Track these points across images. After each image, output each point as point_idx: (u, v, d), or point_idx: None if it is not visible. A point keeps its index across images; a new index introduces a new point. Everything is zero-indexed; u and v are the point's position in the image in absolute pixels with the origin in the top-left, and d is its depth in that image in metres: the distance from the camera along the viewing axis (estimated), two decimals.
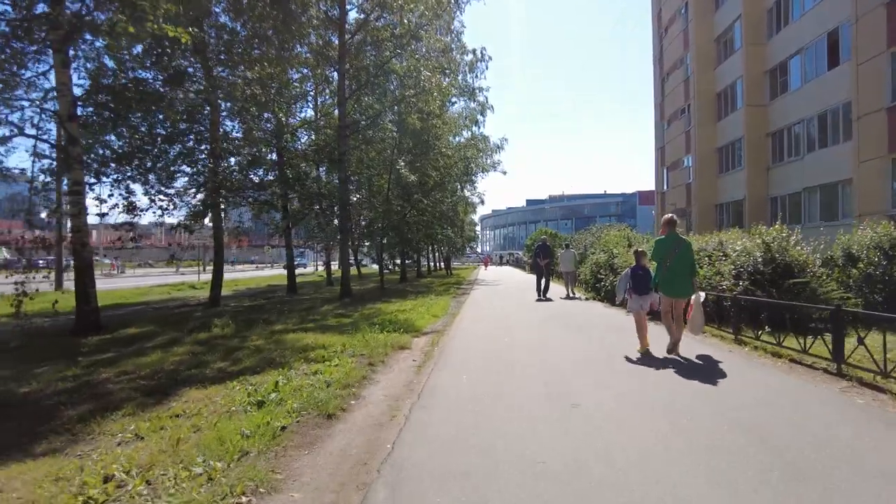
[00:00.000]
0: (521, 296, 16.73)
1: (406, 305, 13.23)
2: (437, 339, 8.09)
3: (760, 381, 5.07)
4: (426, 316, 10.85)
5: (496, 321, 10.25)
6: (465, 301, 15.23)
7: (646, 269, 6.60)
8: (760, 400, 4.36)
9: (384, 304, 13.98)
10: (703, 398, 4.47)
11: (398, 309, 12.33)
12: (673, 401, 4.38)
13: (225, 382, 5.34)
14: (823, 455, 3.13)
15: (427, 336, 8.53)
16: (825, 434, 3.51)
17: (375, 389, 5.09)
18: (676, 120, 30.34)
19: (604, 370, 5.67)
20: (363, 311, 12.24)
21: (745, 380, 5.09)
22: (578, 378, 5.28)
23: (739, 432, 3.54)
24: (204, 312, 13.48)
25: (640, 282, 6.51)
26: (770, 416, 3.92)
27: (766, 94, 23.18)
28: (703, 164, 27.00)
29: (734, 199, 24.94)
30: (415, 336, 8.38)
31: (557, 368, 5.74)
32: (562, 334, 8.40)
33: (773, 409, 4.09)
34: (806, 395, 4.58)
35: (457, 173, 26.43)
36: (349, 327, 9.24)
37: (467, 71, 27.45)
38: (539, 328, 9.13)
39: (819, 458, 3.08)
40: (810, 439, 3.40)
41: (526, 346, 7.24)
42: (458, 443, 3.50)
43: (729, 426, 3.67)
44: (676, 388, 4.85)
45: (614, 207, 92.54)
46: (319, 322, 10.48)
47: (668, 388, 4.85)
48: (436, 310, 12.17)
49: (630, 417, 3.95)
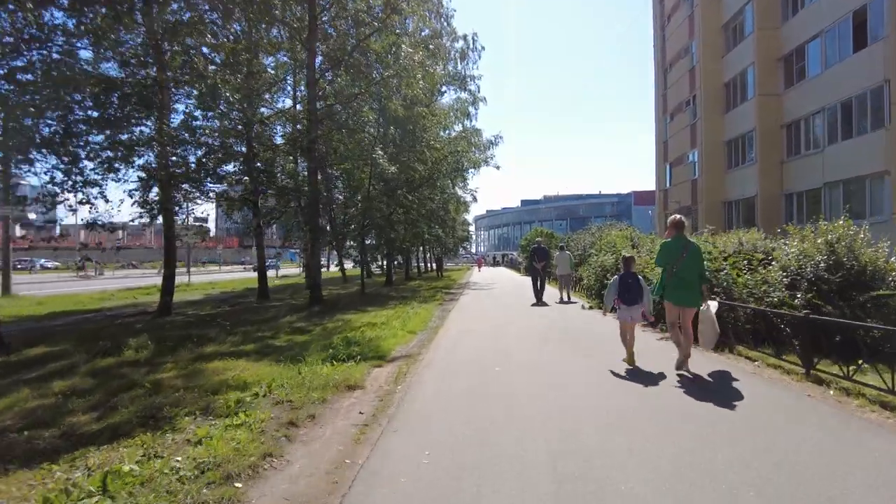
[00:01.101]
0: (515, 302, 14.81)
1: (381, 316, 11.28)
2: (404, 370, 6.13)
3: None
4: (400, 332, 8.89)
5: (486, 339, 8.32)
6: (452, 309, 13.29)
7: (636, 277, 6.15)
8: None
9: (357, 315, 12.02)
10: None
11: (370, 321, 10.37)
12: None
13: (50, 461, 3.38)
14: None
15: (393, 364, 6.57)
16: None
17: (273, 485, 3.11)
18: (680, 113, 28.56)
19: (650, 430, 3.73)
20: (327, 325, 10.27)
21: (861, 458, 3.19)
22: (610, 455, 3.35)
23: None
24: (146, 324, 11.50)
25: (629, 290, 6.05)
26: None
27: (780, 82, 21.42)
28: (709, 160, 25.23)
29: (744, 197, 23.17)
30: (377, 365, 6.43)
31: (574, 434, 3.78)
32: (570, 360, 6.47)
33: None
34: None
35: (447, 169, 24.52)
36: (297, 350, 7.32)
37: (458, 59, 25.66)
38: (540, 350, 7.21)
39: None
40: None
41: (525, 384, 5.29)
42: None
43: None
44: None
45: (609, 208, 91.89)
46: (267, 341, 8.52)
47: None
48: (414, 322, 10.22)
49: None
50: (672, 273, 5.66)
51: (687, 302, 5.66)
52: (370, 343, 7.79)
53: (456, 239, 48.16)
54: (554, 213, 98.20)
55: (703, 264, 5.79)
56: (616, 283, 6.24)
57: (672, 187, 29.99)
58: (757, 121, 21.74)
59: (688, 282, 5.59)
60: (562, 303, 14.44)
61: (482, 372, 5.91)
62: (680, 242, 5.67)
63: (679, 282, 5.62)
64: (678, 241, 5.69)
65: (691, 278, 5.59)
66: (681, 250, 5.60)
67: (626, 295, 6.06)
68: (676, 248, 5.64)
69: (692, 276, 5.60)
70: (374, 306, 14.16)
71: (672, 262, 5.64)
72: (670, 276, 5.68)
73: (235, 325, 10.90)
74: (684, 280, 5.60)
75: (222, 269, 59.47)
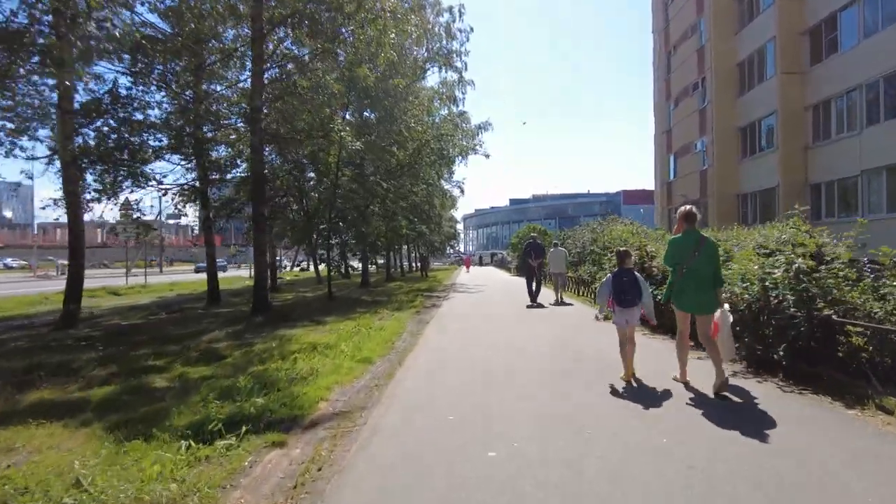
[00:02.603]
0: (508, 311, 12.07)
1: (336, 332, 8.49)
2: (321, 456, 3.36)
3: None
4: (347, 364, 6.09)
5: (472, 373, 5.58)
6: (431, 320, 10.53)
7: (632, 274, 5.40)
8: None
9: (305, 329, 9.20)
10: None
11: (315, 341, 7.56)
12: None
13: None
14: None
15: (308, 438, 3.77)
16: None
17: None
18: (686, 97, 26.08)
19: None
20: (254, 347, 7.45)
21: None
22: None
23: None
24: (12, 345, 8.66)
25: (625, 290, 5.27)
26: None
27: (806, 58, 18.98)
28: (721, 148, 22.77)
29: (762, 188, 20.72)
30: (276, 443, 3.62)
31: None
32: (609, 417, 3.78)
33: None
34: None
35: (430, 156, 21.74)
36: (174, 398, 4.57)
37: (444, 35, 22.90)
38: (552, 395, 4.51)
39: None
40: None
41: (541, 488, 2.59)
42: None
43: None
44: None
45: (598, 207, 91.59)
46: (144, 378, 5.72)
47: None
48: (375, 343, 7.44)
49: None
50: (682, 273, 4.92)
51: (701, 307, 4.93)
52: (294, 385, 5.04)
53: (442, 237, 45.44)
54: (543, 212, 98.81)
55: (718, 263, 5.03)
56: (609, 281, 5.43)
57: (677, 179, 27.53)
58: (779, 102, 19.27)
59: (701, 284, 4.86)
60: (557, 304, 13.03)
61: (466, 460, 3.16)
62: (692, 238, 4.93)
63: (691, 284, 4.89)
64: (690, 236, 4.95)
65: (705, 280, 4.86)
66: (693, 247, 4.88)
67: (621, 296, 5.28)
68: (688, 245, 4.92)
69: (706, 277, 4.86)
70: (336, 315, 11.36)
71: (683, 260, 4.91)
72: (680, 277, 4.95)
73: (141, 344, 8.22)
74: (697, 282, 4.87)
75: (198, 267, 55.94)
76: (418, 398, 4.68)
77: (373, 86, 14.62)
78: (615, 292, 5.31)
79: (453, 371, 5.80)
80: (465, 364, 6.09)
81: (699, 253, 4.84)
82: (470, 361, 6.24)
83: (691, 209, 5.04)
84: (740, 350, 5.68)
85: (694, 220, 5.01)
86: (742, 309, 5.71)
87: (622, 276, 5.35)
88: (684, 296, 4.95)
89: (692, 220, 4.99)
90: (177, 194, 16.88)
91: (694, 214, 5.02)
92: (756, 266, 5.89)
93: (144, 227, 19.18)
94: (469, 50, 22.23)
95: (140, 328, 10.87)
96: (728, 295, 5.84)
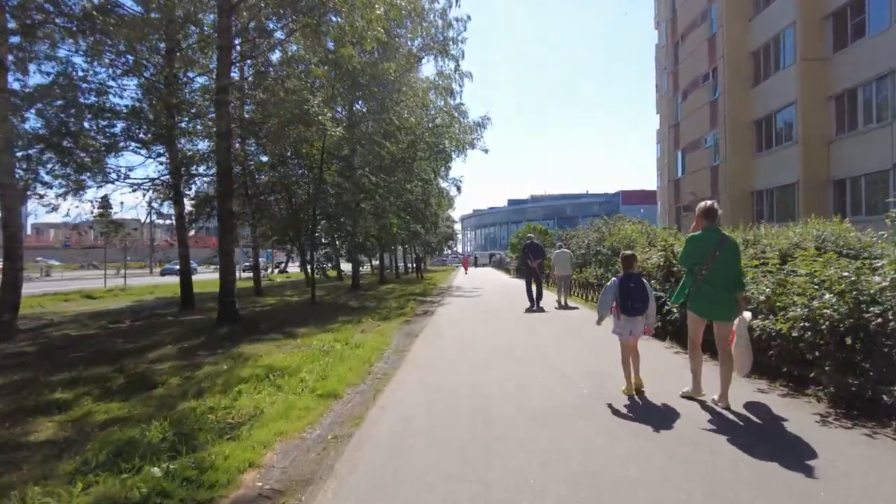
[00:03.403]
0: (510, 318, 10.66)
1: (302, 352, 7.07)
2: None
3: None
4: (304, 401, 4.66)
5: (464, 409, 4.20)
6: (421, 332, 9.11)
7: (639, 280, 4.87)
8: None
9: (270, 346, 7.79)
10: None
11: (274, 365, 6.14)
12: None
13: None
14: None
15: None
16: None
17: None
18: (696, 89, 24.74)
19: None
20: (198, 373, 6.03)
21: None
22: None
23: None
24: None
25: (632, 297, 4.76)
26: None
27: (828, 44, 17.66)
28: (734, 142, 21.43)
29: (780, 185, 19.38)
30: None
31: None
32: None
33: None
34: None
35: (424, 150, 20.34)
36: (39, 465, 3.15)
37: (440, 23, 21.49)
38: (578, 448, 3.14)
39: None
40: None
41: None
42: None
43: None
44: None
45: (597, 208, 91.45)
46: (6, 433, 4.27)
47: None
48: (346, 367, 6.02)
49: None
50: (701, 276, 4.39)
51: (720, 314, 4.40)
52: (220, 440, 3.62)
53: (439, 237, 44.04)
54: (541, 212, 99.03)
55: (740, 265, 4.53)
56: (614, 287, 4.89)
57: (686, 176, 26.19)
58: (799, 91, 17.95)
59: (722, 288, 4.36)
60: (560, 308, 12.17)
61: None
62: (712, 237, 4.42)
63: (710, 288, 4.37)
64: (710, 234, 4.45)
65: (725, 283, 4.35)
66: (713, 247, 4.35)
67: (627, 303, 4.76)
68: (708, 244, 4.40)
69: (726, 281, 4.35)
70: (314, 325, 9.96)
71: (702, 261, 4.38)
72: (698, 280, 4.42)
73: (71, 364, 6.84)
74: (717, 285, 4.35)
75: (165, 269, 54.04)
76: (391, 464, 3.27)
77: (360, 69, 13.21)
78: (621, 299, 4.81)
79: (445, 406, 4.40)
80: (456, 401, 4.67)
81: (720, 253, 4.36)
82: (463, 396, 4.83)
83: (712, 204, 4.57)
84: (825, 386, 4.32)
85: (715, 216, 4.58)
86: (822, 328, 4.33)
87: (629, 282, 4.83)
88: (702, 300, 4.47)
89: (713, 216, 4.55)
90: (149, 190, 15.46)
91: (715, 210, 4.57)
92: (838, 271, 4.50)
93: (114, 225, 17.80)
94: (466, 37, 20.77)
95: (89, 339, 9.48)
96: (804, 311, 4.47)
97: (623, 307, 4.78)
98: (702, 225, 4.54)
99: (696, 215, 4.61)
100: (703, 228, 4.53)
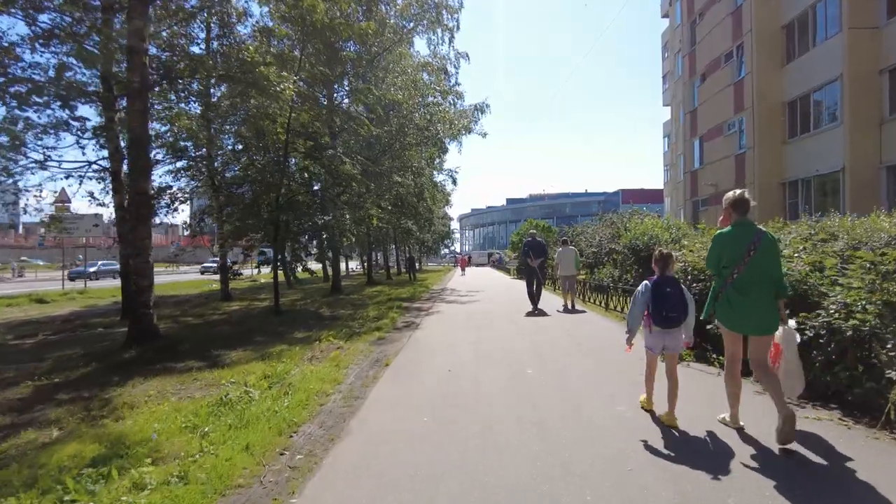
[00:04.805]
0: (515, 339, 8.21)
1: (208, 398, 4.64)
2: None
3: None
4: None
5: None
6: (398, 354, 6.67)
7: (676, 284, 3.93)
8: None
9: (178, 381, 5.36)
10: None
11: (129, 437, 3.71)
12: None
13: None
14: None
15: None
16: None
17: None
18: (717, 70, 22.29)
19: None
20: (9, 442, 3.59)
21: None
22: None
23: None
24: None
25: (667, 304, 3.81)
26: None
27: (881, 10, 15.27)
28: (763, 126, 19.02)
29: (818, 173, 16.97)
30: None
31: None
32: None
33: None
34: None
35: (415, 134, 17.91)
36: None
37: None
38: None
39: None
40: None
41: None
42: None
43: None
44: None
45: (596, 206, 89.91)
46: None
47: None
48: (257, 433, 3.59)
49: None
50: (732, 279, 3.57)
51: (758, 326, 3.54)
52: None
53: (435, 235, 41.58)
54: (540, 211, 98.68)
55: (780, 266, 3.62)
56: (647, 292, 3.89)
57: (705, 166, 23.75)
58: (845, 66, 15.55)
59: (759, 294, 3.50)
60: (567, 312, 11.17)
61: None
62: (746, 232, 3.59)
63: (744, 295, 3.53)
64: (743, 230, 3.61)
65: (763, 289, 3.51)
66: (748, 245, 3.54)
67: (661, 312, 3.80)
68: (741, 242, 3.57)
69: (764, 286, 3.51)
70: (254, 346, 7.53)
71: (734, 262, 3.58)
72: (729, 285, 3.59)
73: None
74: (754, 291, 3.51)
75: (72, 273, 50.97)
76: None
77: (330, 25, 10.77)
78: (654, 307, 3.86)
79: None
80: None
81: (755, 251, 3.50)
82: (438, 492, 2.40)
83: (743, 194, 3.70)
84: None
85: (747, 208, 3.69)
86: None
87: (665, 286, 3.87)
88: (735, 310, 3.58)
89: (745, 208, 3.68)
90: (84, 177, 13.01)
91: (747, 201, 3.68)
92: None
93: (53, 220, 15.39)
94: (463, 3, 18.26)
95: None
96: None
97: (656, 317, 3.89)
98: (732, 219, 3.76)
99: (724, 207, 3.79)
100: (732, 223, 3.75)
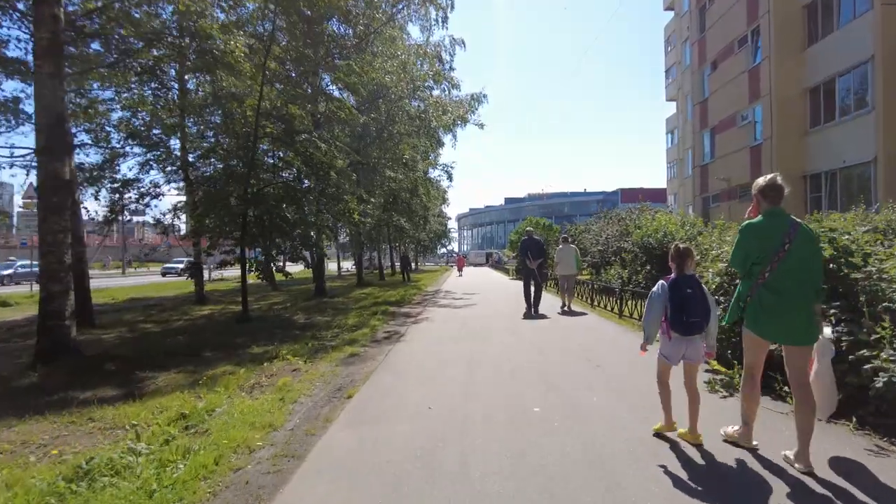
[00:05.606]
0: (516, 357, 6.74)
1: (93, 449, 3.15)
2: None
3: None
4: None
5: None
6: (368, 378, 5.20)
7: (697, 284, 3.28)
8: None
9: (72, 420, 3.87)
10: None
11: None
12: None
13: None
14: None
15: None
16: None
17: None
18: (730, 56, 20.90)
19: None
20: None
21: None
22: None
23: None
24: None
25: (688, 308, 3.18)
26: None
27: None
28: (782, 116, 17.64)
29: (844, 165, 15.60)
30: None
31: None
32: None
33: None
34: None
35: (406, 122, 16.48)
36: None
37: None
38: None
39: None
40: None
41: None
42: None
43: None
44: None
45: (595, 206, 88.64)
46: None
47: None
48: None
49: None
50: (764, 278, 2.91)
51: (794, 335, 2.89)
52: None
53: (430, 234, 40.13)
54: (539, 211, 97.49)
55: (821, 264, 3.09)
56: (664, 293, 3.27)
57: (715, 160, 22.35)
58: (878, 45, 14.17)
59: (795, 296, 2.85)
60: (563, 314, 10.66)
61: None
62: (779, 224, 2.94)
63: (777, 297, 2.87)
64: (776, 221, 2.96)
65: (802, 289, 2.85)
66: (782, 238, 2.88)
67: (681, 316, 3.17)
68: (773, 234, 2.92)
69: (803, 285, 2.85)
70: (195, 364, 6.06)
71: (765, 259, 2.91)
72: (760, 286, 2.93)
73: None
74: (789, 293, 2.85)
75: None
76: None
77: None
78: (673, 311, 3.20)
79: None
80: None
81: (791, 245, 2.85)
82: None
83: (775, 178, 3.04)
84: None
85: (780, 195, 2.99)
86: None
87: (684, 286, 3.20)
88: (766, 315, 2.93)
89: (778, 195, 2.99)
90: (20, 167, 11.52)
91: (780, 187, 3.00)
92: None
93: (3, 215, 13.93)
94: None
95: None
96: None
97: (675, 323, 3.19)
98: (759, 209, 3.06)
99: (755, 195, 3.09)
100: (763, 213, 3.03)
